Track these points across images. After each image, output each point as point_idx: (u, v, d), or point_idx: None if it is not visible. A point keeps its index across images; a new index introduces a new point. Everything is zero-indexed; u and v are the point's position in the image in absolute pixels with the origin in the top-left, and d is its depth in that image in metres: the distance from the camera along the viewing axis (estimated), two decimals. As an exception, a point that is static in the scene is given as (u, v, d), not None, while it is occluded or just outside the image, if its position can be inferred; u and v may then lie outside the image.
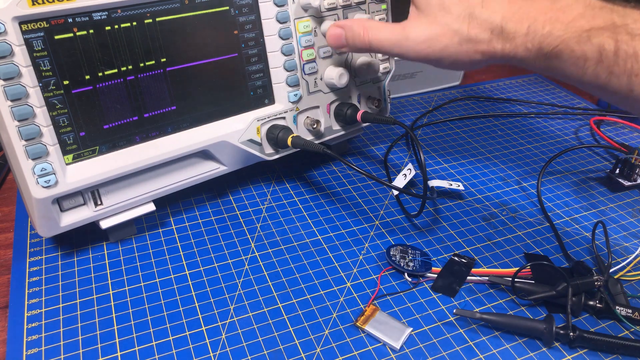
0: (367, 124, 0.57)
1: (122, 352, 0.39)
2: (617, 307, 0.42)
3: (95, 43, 0.39)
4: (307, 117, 0.53)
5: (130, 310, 0.42)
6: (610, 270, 0.47)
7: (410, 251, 0.48)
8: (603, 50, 0.34)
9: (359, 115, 0.53)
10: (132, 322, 0.41)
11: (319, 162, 0.62)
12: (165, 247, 0.48)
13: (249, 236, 0.50)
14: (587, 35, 0.35)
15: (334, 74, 0.51)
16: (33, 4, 0.36)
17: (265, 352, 0.39)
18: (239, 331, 0.41)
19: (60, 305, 0.42)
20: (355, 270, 0.47)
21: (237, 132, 0.48)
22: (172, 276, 0.45)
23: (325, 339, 0.41)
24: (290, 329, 0.41)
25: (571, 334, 0.40)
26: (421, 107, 0.76)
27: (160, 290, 0.44)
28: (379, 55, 0.56)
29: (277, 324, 0.42)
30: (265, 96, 0.50)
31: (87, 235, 0.48)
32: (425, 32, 0.41)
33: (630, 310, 0.42)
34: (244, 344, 0.40)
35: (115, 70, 0.41)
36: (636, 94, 0.34)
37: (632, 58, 0.33)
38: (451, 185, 0.56)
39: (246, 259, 0.48)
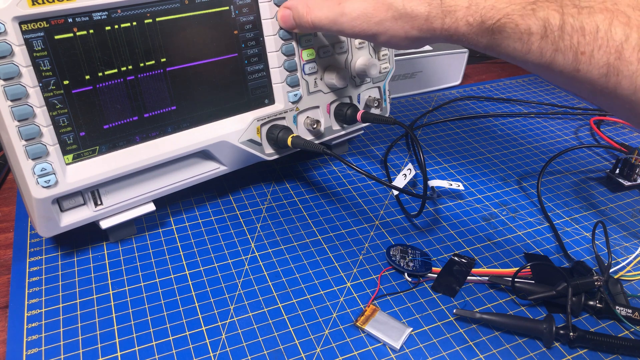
0: (367, 124, 0.57)
1: (122, 352, 0.39)
2: (617, 307, 0.42)
3: (95, 43, 0.39)
4: (307, 117, 0.53)
5: (130, 310, 0.42)
6: (610, 270, 0.47)
7: (410, 251, 0.48)
8: (548, 25, 0.32)
9: (359, 115, 0.53)
10: (132, 322, 0.41)
11: (319, 162, 0.62)
12: (165, 247, 0.48)
13: (249, 236, 0.50)
14: (532, 8, 0.33)
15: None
16: (33, 4, 0.36)
17: (265, 352, 0.39)
18: (239, 331, 0.41)
19: (60, 305, 0.42)
20: (355, 270, 0.47)
21: (237, 132, 0.48)
22: (172, 276, 0.45)
23: (325, 339, 0.41)
24: (290, 329, 0.41)
25: (571, 334, 0.40)
26: (421, 107, 0.76)
27: (160, 290, 0.44)
28: (379, 55, 0.56)
29: (277, 324, 0.42)
30: (265, 96, 0.50)
31: (87, 235, 0.48)
32: (360, 7, 0.40)
33: (630, 310, 0.42)
34: (244, 344, 0.40)
35: (115, 70, 0.41)
36: (582, 73, 0.32)
37: (579, 32, 0.31)
38: (451, 185, 0.56)
39: (246, 259, 0.48)
